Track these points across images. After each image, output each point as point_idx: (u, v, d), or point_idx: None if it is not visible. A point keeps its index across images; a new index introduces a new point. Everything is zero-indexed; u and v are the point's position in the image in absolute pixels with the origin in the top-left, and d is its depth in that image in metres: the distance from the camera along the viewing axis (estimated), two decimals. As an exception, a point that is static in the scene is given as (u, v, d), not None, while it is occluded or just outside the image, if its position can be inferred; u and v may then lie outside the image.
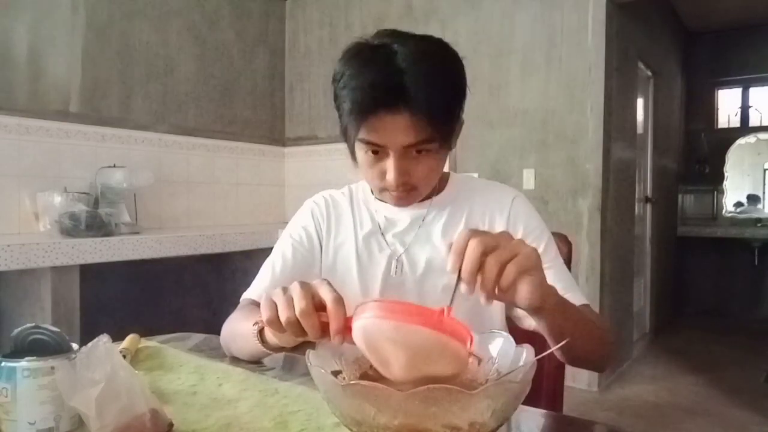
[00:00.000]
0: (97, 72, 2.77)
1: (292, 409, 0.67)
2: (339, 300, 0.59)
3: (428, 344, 0.53)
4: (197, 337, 1.05)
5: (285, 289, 0.62)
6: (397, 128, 0.80)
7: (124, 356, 0.83)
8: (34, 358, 0.57)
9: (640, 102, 3.61)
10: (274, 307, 0.61)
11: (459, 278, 0.58)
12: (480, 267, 0.57)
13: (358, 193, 1.06)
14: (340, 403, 0.51)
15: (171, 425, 0.60)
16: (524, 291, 0.59)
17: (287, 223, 1.08)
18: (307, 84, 3.70)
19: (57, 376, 0.56)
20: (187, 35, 3.19)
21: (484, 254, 0.57)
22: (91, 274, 2.18)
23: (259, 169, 3.64)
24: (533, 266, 0.59)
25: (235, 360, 0.89)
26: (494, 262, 0.57)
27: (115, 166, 2.64)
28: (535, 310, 0.65)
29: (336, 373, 0.59)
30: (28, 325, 0.62)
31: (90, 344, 0.58)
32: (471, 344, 0.56)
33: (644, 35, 3.55)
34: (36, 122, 2.52)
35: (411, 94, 0.77)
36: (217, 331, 0.96)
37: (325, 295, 0.60)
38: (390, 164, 0.84)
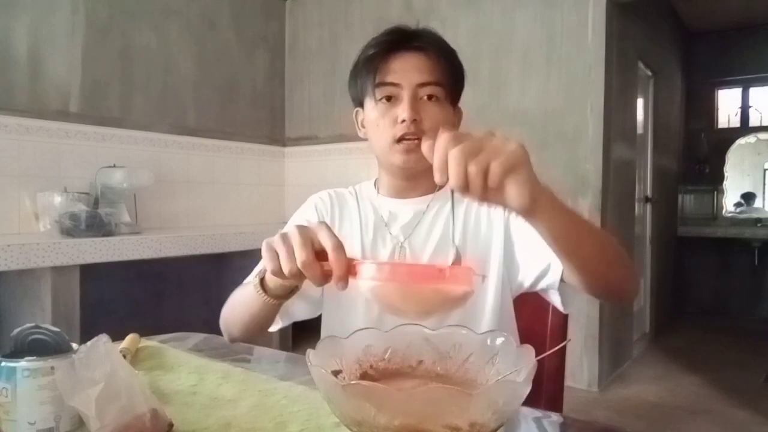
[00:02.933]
0: (97, 72, 2.77)
1: (292, 409, 0.67)
2: (339, 246, 0.61)
3: (433, 297, 0.56)
4: (197, 337, 1.05)
5: (285, 237, 0.64)
6: (414, 66, 0.93)
7: (124, 356, 0.83)
8: (34, 358, 0.57)
9: (640, 102, 3.60)
10: (276, 257, 0.64)
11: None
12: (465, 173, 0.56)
13: (361, 190, 1.09)
14: (340, 403, 0.51)
15: (171, 425, 0.60)
16: (513, 190, 0.56)
17: (287, 223, 1.08)
18: (307, 84, 3.70)
19: (57, 376, 0.56)
20: (187, 35, 3.19)
21: (468, 158, 0.55)
22: (91, 274, 2.18)
23: (259, 169, 3.64)
24: (519, 162, 0.57)
25: (235, 360, 0.89)
26: (477, 168, 0.55)
27: (115, 166, 2.64)
28: (529, 212, 0.60)
29: (336, 373, 0.59)
30: (28, 325, 0.62)
31: (89, 344, 0.58)
32: (473, 277, 0.58)
33: (644, 35, 3.55)
34: (36, 122, 2.53)
35: (427, 38, 0.95)
36: (217, 332, 0.96)
37: (325, 241, 0.62)
38: (404, 104, 0.91)
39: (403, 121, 0.91)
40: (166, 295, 2.91)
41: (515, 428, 0.66)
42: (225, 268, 2.96)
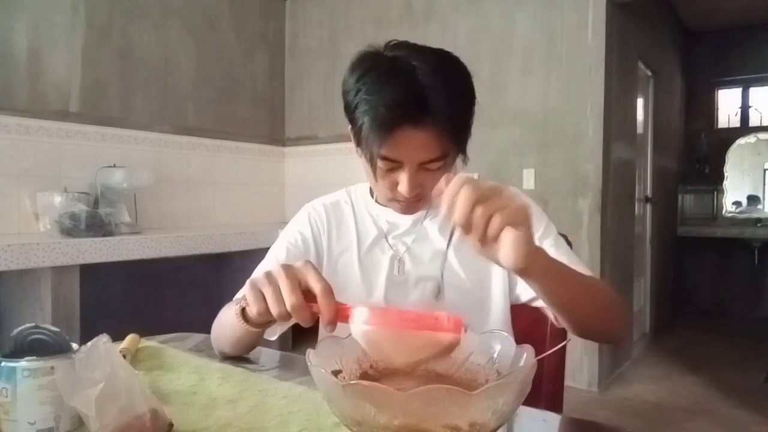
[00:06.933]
0: (97, 72, 2.77)
1: (292, 409, 0.67)
2: (328, 290, 0.60)
3: (424, 344, 0.56)
4: (197, 337, 1.05)
5: (270, 277, 0.62)
6: (418, 144, 0.82)
7: (124, 356, 0.83)
8: (34, 358, 0.57)
9: (640, 102, 3.60)
10: (263, 299, 0.62)
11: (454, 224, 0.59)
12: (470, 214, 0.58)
13: (357, 197, 1.06)
14: (340, 403, 0.51)
15: (171, 425, 0.60)
16: (506, 246, 0.58)
17: (287, 223, 1.08)
18: (307, 84, 3.70)
19: (57, 376, 0.56)
20: (187, 35, 3.19)
21: (476, 203, 0.57)
22: (91, 274, 2.18)
23: (259, 169, 3.64)
24: (520, 220, 0.58)
25: (234, 360, 0.89)
26: (482, 213, 0.57)
27: (115, 166, 2.64)
28: (521, 272, 0.63)
29: (336, 373, 0.59)
30: (28, 325, 0.62)
31: (90, 344, 0.58)
32: (463, 329, 0.58)
33: (644, 35, 3.55)
34: (36, 122, 2.53)
35: (434, 110, 0.79)
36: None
37: (314, 284, 0.61)
38: (404, 177, 0.85)
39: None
40: (166, 295, 2.91)
41: (515, 428, 0.66)
42: (225, 268, 2.96)
